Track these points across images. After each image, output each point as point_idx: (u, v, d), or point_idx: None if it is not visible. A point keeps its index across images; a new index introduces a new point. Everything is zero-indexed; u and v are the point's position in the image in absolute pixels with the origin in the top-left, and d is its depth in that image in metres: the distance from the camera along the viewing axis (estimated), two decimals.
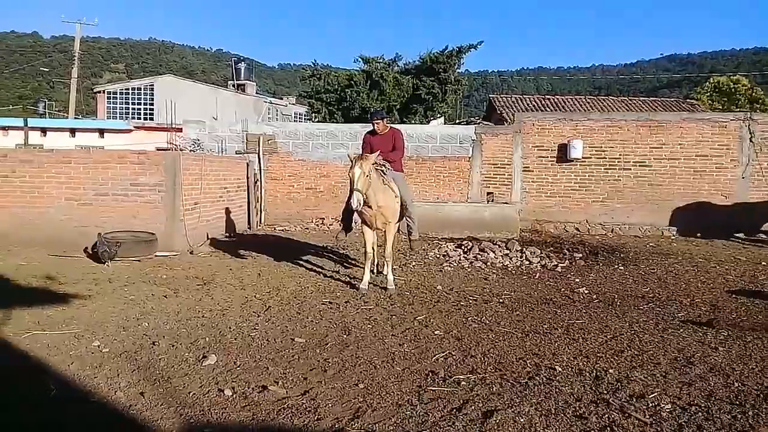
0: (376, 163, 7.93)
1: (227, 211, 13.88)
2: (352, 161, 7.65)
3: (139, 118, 36.92)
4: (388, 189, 8.19)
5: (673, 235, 14.91)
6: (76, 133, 29.94)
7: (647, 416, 3.95)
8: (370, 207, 7.92)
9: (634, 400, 4.24)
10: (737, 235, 14.44)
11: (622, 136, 15.81)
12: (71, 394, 4.35)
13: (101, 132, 30.34)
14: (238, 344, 5.60)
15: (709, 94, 46.63)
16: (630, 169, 15.78)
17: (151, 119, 36.47)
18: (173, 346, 5.49)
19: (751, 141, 15.29)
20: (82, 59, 41.36)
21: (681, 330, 6.22)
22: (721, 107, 41.66)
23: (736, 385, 4.57)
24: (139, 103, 38.88)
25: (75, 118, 36.46)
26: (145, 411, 4.06)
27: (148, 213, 11.17)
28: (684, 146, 15.59)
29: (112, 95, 39.17)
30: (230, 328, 6.17)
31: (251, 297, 7.66)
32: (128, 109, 38.69)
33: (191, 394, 4.37)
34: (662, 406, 4.13)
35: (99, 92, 40.32)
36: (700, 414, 3.99)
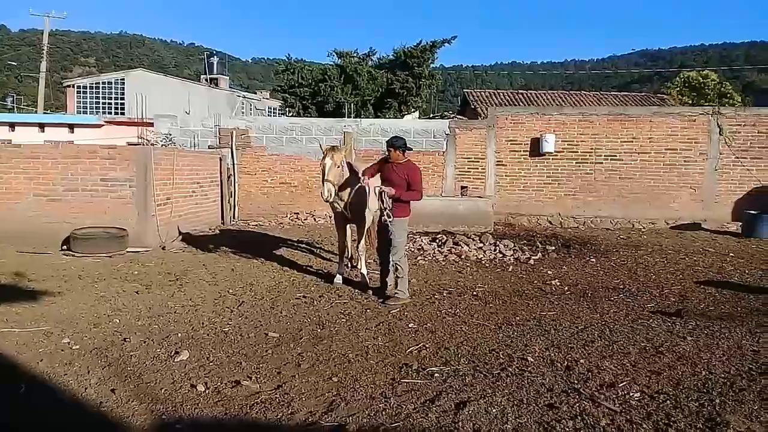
0: (350, 163, 7.88)
1: (200, 206, 13.74)
2: (324, 153, 7.62)
3: (110, 113, 36.29)
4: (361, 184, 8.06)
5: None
6: (46, 128, 29.42)
7: (617, 405, 4.01)
8: (342, 200, 7.91)
9: (605, 389, 4.30)
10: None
11: (593, 131, 15.98)
12: (41, 392, 4.30)
13: (71, 127, 29.84)
14: (211, 340, 5.57)
15: (679, 88, 47.26)
16: (601, 162, 15.96)
17: (122, 114, 35.87)
18: (145, 342, 5.44)
19: (720, 134, 15.55)
20: (51, 53, 40.68)
21: (650, 320, 6.34)
22: (690, 101, 42.23)
23: (704, 373, 4.65)
24: (110, 98, 38.21)
25: (44, 112, 35.82)
26: (116, 408, 4.02)
27: (119, 208, 11.03)
28: (654, 140, 15.82)
29: (82, 89, 38.43)
30: (203, 323, 6.14)
31: (224, 292, 7.61)
32: (99, 103, 37.98)
33: (163, 390, 4.34)
34: (632, 394, 4.19)
35: (69, 86, 39.51)
36: (668, 402, 4.06)
